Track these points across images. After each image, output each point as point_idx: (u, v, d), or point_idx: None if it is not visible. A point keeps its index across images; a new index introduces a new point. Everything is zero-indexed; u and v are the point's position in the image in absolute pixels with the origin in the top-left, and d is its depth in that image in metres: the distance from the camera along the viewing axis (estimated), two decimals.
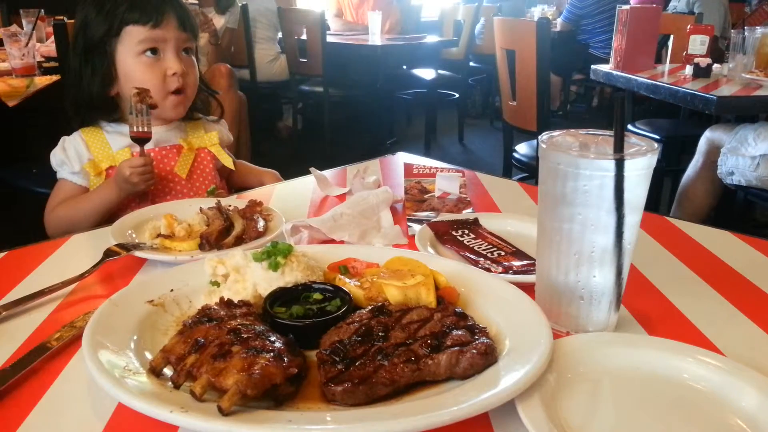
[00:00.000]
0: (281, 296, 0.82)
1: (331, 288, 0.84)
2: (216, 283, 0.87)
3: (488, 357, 0.68)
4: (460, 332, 0.71)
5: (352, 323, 0.74)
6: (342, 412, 0.63)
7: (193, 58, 1.59)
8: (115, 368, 0.67)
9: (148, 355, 0.72)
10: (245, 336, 0.69)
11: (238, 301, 0.80)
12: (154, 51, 1.49)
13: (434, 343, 0.69)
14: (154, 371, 0.68)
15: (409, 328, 0.73)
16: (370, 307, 0.77)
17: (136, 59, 1.49)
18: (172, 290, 0.87)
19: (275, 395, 0.64)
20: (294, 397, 0.66)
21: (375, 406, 0.64)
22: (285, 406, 0.65)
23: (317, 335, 0.74)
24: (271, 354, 0.66)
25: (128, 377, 0.66)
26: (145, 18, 1.47)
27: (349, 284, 0.85)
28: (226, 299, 0.80)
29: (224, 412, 0.59)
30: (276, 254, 0.86)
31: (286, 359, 0.65)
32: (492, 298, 0.83)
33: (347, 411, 0.64)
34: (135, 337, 0.75)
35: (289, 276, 0.85)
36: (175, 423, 0.60)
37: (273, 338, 0.69)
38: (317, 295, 0.83)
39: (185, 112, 1.60)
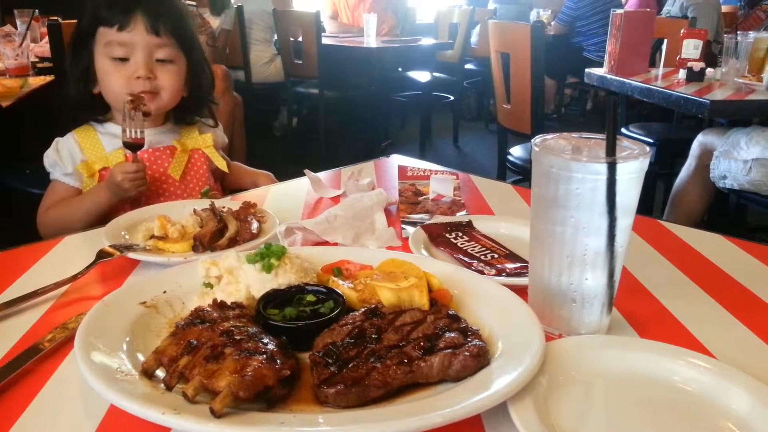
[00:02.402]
0: (274, 298, 0.82)
1: (324, 290, 0.84)
2: (209, 285, 0.87)
3: (480, 359, 0.68)
4: (452, 334, 0.71)
5: (345, 325, 0.74)
6: (334, 414, 0.63)
7: (172, 68, 1.52)
8: (108, 370, 0.67)
9: (141, 357, 0.72)
10: (238, 338, 0.69)
11: (231, 303, 0.80)
12: (122, 59, 1.46)
13: (427, 345, 0.69)
14: (147, 373, 0.68)
15: (402, 330, 0.73)
16: (363, 309, 0.77)
17: (105, 60, 1.48)
18: (165, 292, 0.87)
19: (268, 397, 0.64)
20: (287, 399, 0.66)
21: (367, 408, 0.64)
22: (278, 408, 0.65)
23: (310, 337, 0.74)
24: (264, 356, 0.66)
25: (120, 379, 0.66)
26: (113, 20, 1.45)
27: (342, 286, 0.85)
28: (219, 301, 0.80)
29: (217, 414, 0.59)
30: (269, 256, 0.86)
31: (278, 361, 0.65)
32: (485, 301, 0.83)
33: (340, 413, 0.64)
34: (127, 339, 0.75)
35: (283, 278, 0.84)
36: (167, 425, 0.60)
37: (266, 340, 0.69)
38: (310, 297, 0.82)
39: (156, 112, 1.54)
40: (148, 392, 0.64)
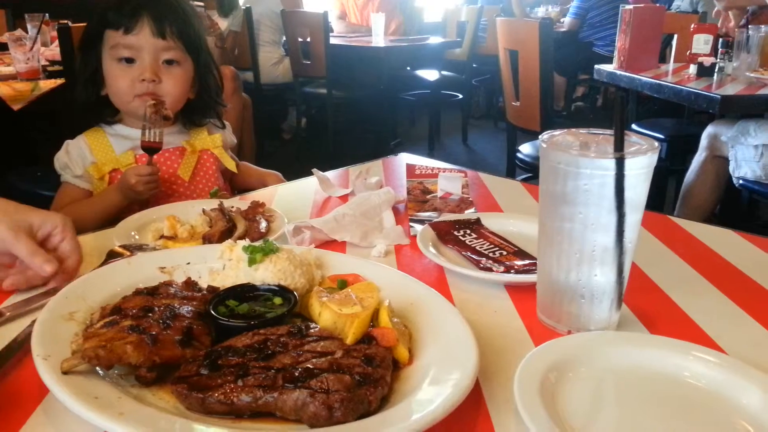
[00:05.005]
0: (244, 292, 0.83)
1: (276, 289, 0.83)
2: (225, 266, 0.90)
3: (334, 413, 0.60)
4: (333, 376, 0.63)
5: (261, 334, 0.71)
6: (168, 416, 0.62)
7: (178, 71, 1.52)
8: (60, 311, 0.75)
9: None
10: (150, 315, 0.72)
11: (208, 287, 0.84)
12: (128, 59, 1.46)
13: (297, 377, 0.63)
14: (91, 324, 0.73)
15: (302, 356, 0.67)
16: (291, 325, 0.74)
17: (112, 63, 1.48)
18: (188, 263, 0.92)
19: (136, 376, 0.67)
20: (155, 382, 0.67)
21: (219, 420, 0.63)
22: (146, 390, 0.67)
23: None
24: (149, 336, 0.67)
25: (61, 323, 0.73)
26: (119, 23, 1.45)
27: (318, 298, 0.81)
28: (191, 281, 0.84)
29: (62, 371, 0.64)
30: (258, 251, 0.87)
31: (158, 346, 0.67)
32: (440, 347, 0.74)
33: (186, 417, 0.63)
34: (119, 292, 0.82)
35: (262, 274, 0.85)
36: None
37: (175, 325, 0.71)
38: (278, 299, 0.81)
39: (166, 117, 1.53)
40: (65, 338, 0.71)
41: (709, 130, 2.96)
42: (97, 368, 0.67)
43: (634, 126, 3.66)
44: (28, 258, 0.88)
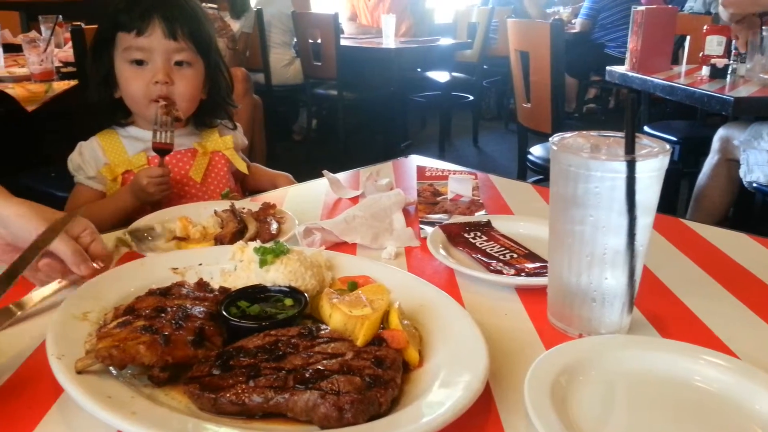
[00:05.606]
0: (255, 292, 0.83)
1: (287, 290, 0.83)
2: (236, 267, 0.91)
3: (344, 414, 0.60)
4: (343, 377, 0.63)
5: (272, 335, 0.71)
6: (179, 416, 0.63)
7: (190, 72, 1.52)
8: (72, 309, 0.77)
9: None
10: (163, 315, 0.73)
11: (219, 288, 0.85)
12: (139, 61, 1.47)
13: (307, 378, 0.64)
14: (105, 324, 0.75)
15: (313, 357, 0.67)
16: (302, 326, 0.74)
17: (124, 65, 1.49)
18: (200, 264, 0.94)
19: (149, 375, 0.68)
20: (168, 382, 0.68)
21: (230, 420, 0.63)
22: (158, 389, 0.68)
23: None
24: (162, 337, 0.68)
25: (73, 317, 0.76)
26: (130, 26, 1.46)
27: (329, 299, 0.81)
28: (203, 282, 0.86)
29: (76, 371, 0.64)
30: (269, 252, 0.88)
31: (170, 346, 0.67)
32: (452, 353, 0.73)
33: (197, 417, 0.63)
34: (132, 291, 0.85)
35: (273, 275, 0.86)
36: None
37: (187, 325, 0.71)
38: (288, 301, 0.82)
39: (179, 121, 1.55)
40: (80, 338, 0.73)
41: (721, 132, 2.93)
42: (111, 368, 0.68)
43: (646, 128, 3.64)
44: (70, 256, 0.89)
